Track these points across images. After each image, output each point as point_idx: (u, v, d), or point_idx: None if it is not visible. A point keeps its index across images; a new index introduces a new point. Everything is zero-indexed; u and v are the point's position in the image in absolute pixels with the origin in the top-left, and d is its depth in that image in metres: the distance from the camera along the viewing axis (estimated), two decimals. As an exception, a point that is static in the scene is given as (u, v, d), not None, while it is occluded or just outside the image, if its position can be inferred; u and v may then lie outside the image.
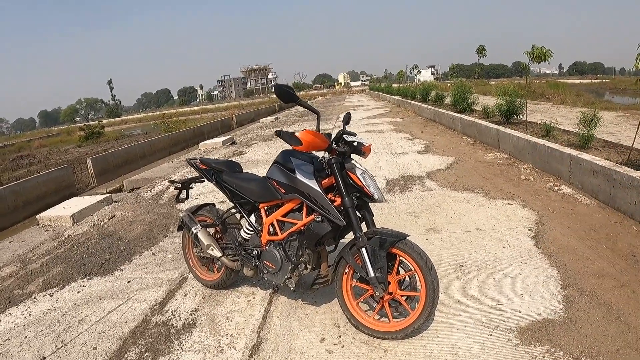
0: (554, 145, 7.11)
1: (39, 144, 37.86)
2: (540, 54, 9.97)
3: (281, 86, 3.02)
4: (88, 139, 30.97)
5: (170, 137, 19.31)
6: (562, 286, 3.66)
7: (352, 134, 3.18)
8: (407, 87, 33.95)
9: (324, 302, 3.72)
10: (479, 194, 6.34)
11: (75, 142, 32.79)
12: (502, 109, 10.91)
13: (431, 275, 2.89)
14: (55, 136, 48.82)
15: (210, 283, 4.16)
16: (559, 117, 11.90)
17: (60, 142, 36.87)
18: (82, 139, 31.75)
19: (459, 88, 15.45)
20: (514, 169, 7.69)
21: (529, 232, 4.83)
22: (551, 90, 23.87)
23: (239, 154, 12.58)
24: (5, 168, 20.38)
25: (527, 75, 14.13)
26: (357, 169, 3.06)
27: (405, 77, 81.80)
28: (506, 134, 9.00)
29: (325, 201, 3.02)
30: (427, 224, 5.31)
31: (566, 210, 5.46)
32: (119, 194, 9.52)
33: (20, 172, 18.06)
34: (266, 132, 18.34)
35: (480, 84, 37.62)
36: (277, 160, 3.39)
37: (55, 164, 18.06)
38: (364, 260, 3.00)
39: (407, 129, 14.61)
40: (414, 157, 9.40)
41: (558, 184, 6.49)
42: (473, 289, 3.72)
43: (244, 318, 3.63)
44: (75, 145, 30.69)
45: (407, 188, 6.98)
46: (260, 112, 35.90)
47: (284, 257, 3.34)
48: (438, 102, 19.46)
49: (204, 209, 4.13)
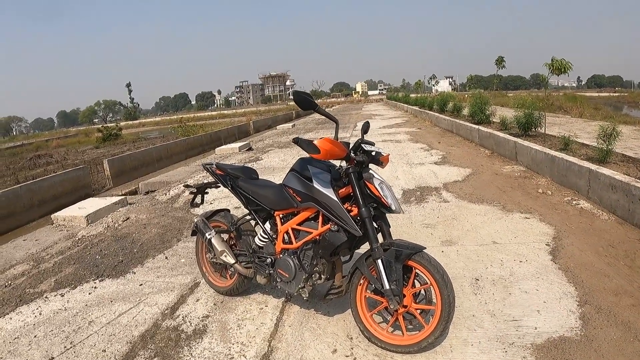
0: (572, 159, 7.02)
1: (57, 144, 38.37)
2: (560, 66, 9.90)
3: (300, 93, 2.98)
4: (105, 141, 31.31)
5: (187, 141, 19.42)
6: (579, 303, 3.59)
7: (370, 143, 3.14)
8: (424, 97, 33.92)
9: (336, 313, 3.68)
10: (495, 206, 6.27)
11: (93, 143, 33.17)
12: (520, 121, 10.81)
13: (447, 289, 2.84)
14: (73, 137, 49.45)
15: (222, 289, 4.14)
16: (577, 130, 11.78)
17: (77, 143, 37.31)
18: (99, 140, 32.12)
19: (477, 99, 15.36)
20: (531, 182, 7.60)
21: (546, 246, 4.76)
22: (569, 103, 23.69)
23: (255, 160, 12.59)
24: (22, 167, 20.63)
25: (546, 88, 14.03)
26: (374, 178, 3.02)
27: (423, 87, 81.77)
28: (524, 147, 8.91)
29: (342, 211, 2.98)
30: (443, 236, 5.26)
31: (584, 225, 5.38)
32: (134, 197, 9.59)
33: (37, 171, 18.28)
34: (283, 139, 18.36)
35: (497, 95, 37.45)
36: (294, 167, 3.36)
37: (72, 165, 18.26)
38: (380, 272, 2.95)
39: (424, 140, 14.54)
40: (431, 168, 9.33)
41: (576, 198, 6.40)
42: (488, 303, 3.66)
43: (256, 326, 3.60)
44: (93, 146, 31.04)
45: (423, 199, 6.92)
46: (278, 119, 36.04)
47: (298, 266, 3.30)
48: (455, 112, 19.36)
49: (219, 214, 4.11)
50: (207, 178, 9.55)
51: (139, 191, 11.16)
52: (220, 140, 21.90)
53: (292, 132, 21.57)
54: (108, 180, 13.33)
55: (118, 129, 34.21)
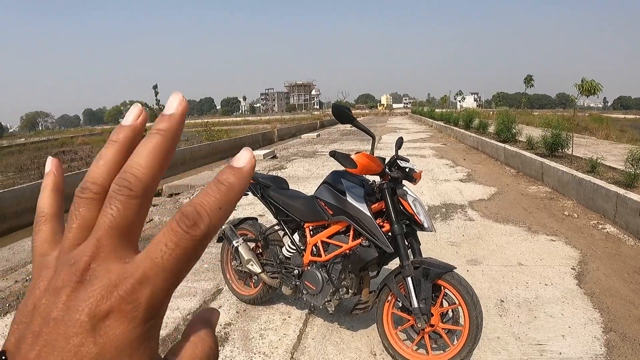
0: (599, 182, 6.94)
1: (82, 142, 38.81)
2: (589, 87, 9.82)
3: (339, 107, 2.99)
4: (130, 141, 31.53)
5: (212, 145, 19.51)
6: (604, 330, 3.54)
7: (405, 159, 3.14)
8: (450, 112, 33.81)
9: (360, 328, 3.66)
10: (521, 227, 6.21)
11: (118, 142, 33.41)
12: (547, 141, 10.72)
13: (476, 311, 2.81)
14: (98, 135, 50.00)
15: (246, 298, 4.13)
16: (604, 153, 11.63)
17: (102, 142, 37.38)
18: (124, 140, 32.33)
19: (503, 117, 15.26)
20: (557, 203, 7.53)
21: (571, 270, 4.71)
22: (595, 124, 23.40)
23: (279, 169, 12.62)
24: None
25: (574, 109, 13.89)
26: (408, 195, 3.01)
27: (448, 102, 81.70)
28: (551, 167, 8.83)
29: (374, 226, 2.97)
30: (469, 255, 5.22)
31: (610, 250, 5.32)
32: (158, 198, 9.63)
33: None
34: (307, 149, 18.40)
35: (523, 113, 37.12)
36: (327, 180, 3.35)
37: (96, 163, 18.41)
38: (409, 290, 2.93)
39: (449, 156, 14.49)
40: (456, 185, 9.28)
41: (602, 222, 6.32)
42: (513, 326, 3.63)
43: (278, 337, 3.59)
44: (118, 146, 31.27)
45: (448, 216, 6.88)
46: (302, 128, 36.00)
47: (325, 279, 3.28)
48: (481, 130, 19.29)
49: (247, 222, 4.09)
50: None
51: (162, 193, 11.21)
52: (244, 146, 21.94)
53: (316, 142, 21.63)
54: (131, 181, 13.43)
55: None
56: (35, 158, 22.05)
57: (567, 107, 64.10)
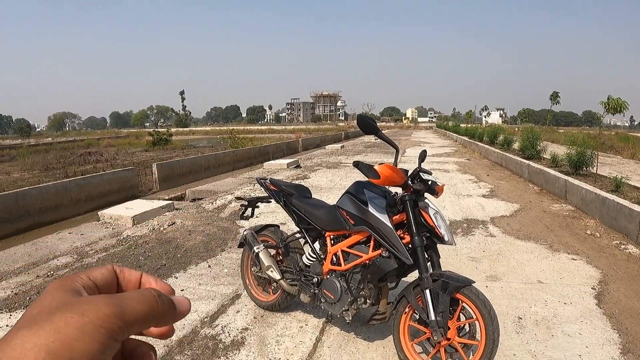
0: (623, 202, 6.85)
1: (108, 143, 39.46)
2: (616, 105, 9.77)
3: (364, 117, 3.04)
4: (155, 145, 31.95)
5: (236, 152, 19.68)
6: (622, 351, 3.50)
7: (428, 172, 3.15)
8: (475, 127, 33.69)
9: (376, 339, 3.67)
10: (542, 245, 6.16)
11: (143, 146, 33.91)
12: (571, 159, 10.63)
13: (493, 326, 2.81)
14: (124, 138, 50.77)
15: (264, 304, 4.17)
16: (629, 172, 11.51)
17: (128, 144, 38.23)
18: (149, 144, 32.80)
19: (528, 134, 15.16)
20: (579, 222, 7.45)
21: (591, 290, 4.66)
22: (621, 143, 23.14)
23: (302, 178, 12.68)
24: (72, 162, 21.25)
25: (600, 127, 13.78)
26: (430, 208, 3.03)
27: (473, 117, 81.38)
28: (574, 186, 8.74)
29: (395, 238, 2.99)
30: (488, 271, 5.20)
31: (632, 271, 5.25)
32: (181, 202, 9.75)
33: (87, 168, 18.85)
34: (331, 159, 18.43)
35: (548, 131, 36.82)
36: (350, 190, 3.38)
37: (121, 165, 18.78)
38: (427, 302, 2.94)
39: (472, 171, 14.42)
40: (479, 201, 9.24)
41: (624, 242, 6.24)
42: (530, 343, 3.60)
43: (294, 344, 3.61)
44: (142, 149, 31.76)
45: (469, 232, 6.85)
46: (327, 139, 36.10)
47: (344, 289, 3.30)
48: (506, 146, 19.18)
49: (269, 229, 4.14)
50: (255, 192, 9.67)
51: (185, 197, 11.35)
52: (269, 154, 22.11)
53: (340, 153, 21.66)
54: (155, 184, 13.60)
55: (169, 134, 34.82)
56: (62, 158, 22.37)
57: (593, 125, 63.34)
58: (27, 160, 22.83)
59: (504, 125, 45.32)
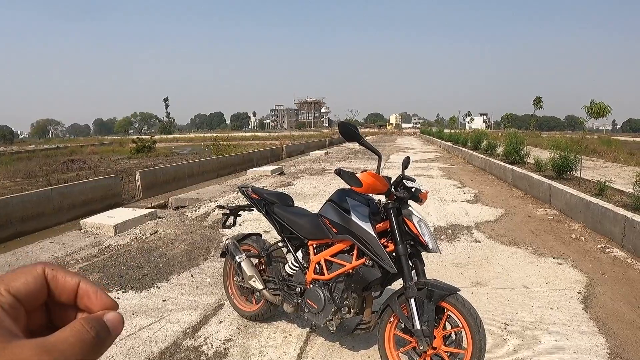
0: (607, 205, 6.89)
1: (91, 151, 39.26)
2: (599, 109, 9.80)
3: (346, 125, 3.00)
4: (139, 152, 31.86)
5: (220, 160, 19.58)
6: (609, 355, 3.49)
7: (411, 179, 3.11)
8: (458, 133, 33.96)
9: (361, 348, 3.62)
10: (527, 250, 6.15)
11: (126, 153, 33.79)
12: (555, 164, 10.67)
13: (479, 335, 2.77)
14: (108, 145, 50.54)
15: (247, 314, 4.10)
16: (612, 176, 11.58)
17: (111, 152, 38.06)
18: (133, 151, 32.70)
19: (512, 139, 15.24)
20: (564, 226, 7.47)
21: (577, 294, 4.65)
22: (604, 147, 23.32)
23: (286, 185, 12.62)
24: (55, 169, 21.10)
25: (584, 131, 13.87)
26: (414, 216, 2.98)
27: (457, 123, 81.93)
28: (558, 190, 8.77)
29: (378, 246, 2.94)
30: (474, 277, 5.17)
31: (617, 274, 5.26)
32: (164, 210, 9.64)
33: (70, 175, 18.71)
34: (315, 166, 18.41)
35: (531, 135, 37.11)
36: (332, 198, 3.33)
37: (104, 172, 18.62)
38: (411, 311, 2.89)
39: (456, 177, 14.46)
40: (463, 206, 9.23)
41: (610, 246, 6.26)
42: (517, 350, 3.57)
43: (278, 355, 3.55)
44: (126, 156, 31.65)
45: (454, 237, 6.83)
46: (311, 145, 36.19)
47: (328, 298, 3.25)
48: (489, 151, 19.31)
49: (250, 238, 4.08)
50: (239, 199, 9.60)
51: (168, 205, 11.24)
52: (253, 161, 22.04)
53: (324, 160, 21.64)
54: (138, 192, 13.45)
55: (152, 141, 34.74)
56: (44, 165, 22.16)
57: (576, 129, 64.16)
58: (10, 167, 22.60)
59: (488, 131, 45.61)
